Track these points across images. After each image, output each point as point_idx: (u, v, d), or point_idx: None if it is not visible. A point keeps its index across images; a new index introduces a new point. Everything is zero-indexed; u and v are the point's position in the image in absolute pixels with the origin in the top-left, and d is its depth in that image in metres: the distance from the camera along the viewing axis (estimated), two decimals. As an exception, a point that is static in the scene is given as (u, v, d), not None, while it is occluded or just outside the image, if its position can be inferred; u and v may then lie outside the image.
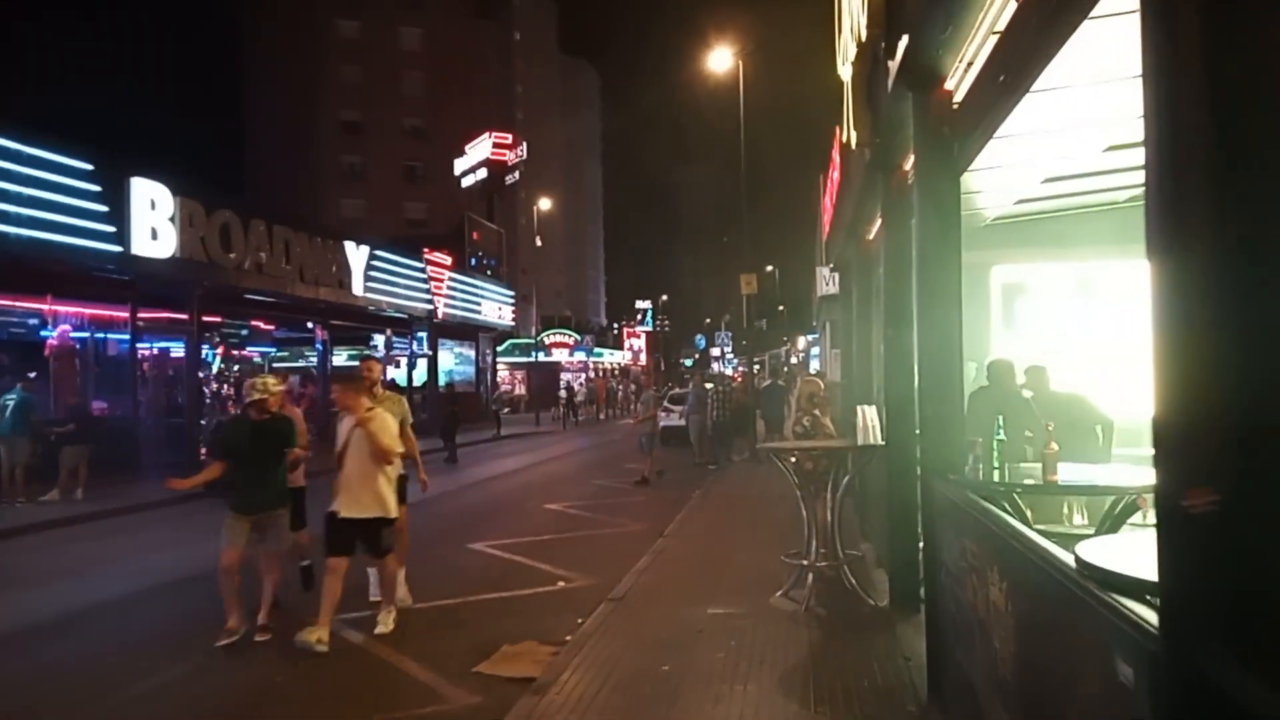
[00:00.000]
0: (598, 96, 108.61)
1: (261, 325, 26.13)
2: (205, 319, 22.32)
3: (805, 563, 6.90)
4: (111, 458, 15.59)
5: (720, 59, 21.19)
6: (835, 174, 9.56)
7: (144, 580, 8.91)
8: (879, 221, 8.67)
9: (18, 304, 16.63)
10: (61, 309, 16.88)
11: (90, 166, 15.89)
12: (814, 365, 36.16)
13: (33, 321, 17.09)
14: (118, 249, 16.46)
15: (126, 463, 16.58)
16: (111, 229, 16.29)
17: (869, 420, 6.74)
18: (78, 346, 17.61)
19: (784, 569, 7.27)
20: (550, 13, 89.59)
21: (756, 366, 33.15)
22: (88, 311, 17.63)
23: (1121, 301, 7.33)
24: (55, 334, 16.89)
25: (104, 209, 16.11)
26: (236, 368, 19.52)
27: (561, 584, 8.27)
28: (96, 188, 15.98)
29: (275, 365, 29.26)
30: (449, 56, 62.37)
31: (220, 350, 16.85)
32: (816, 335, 35.14)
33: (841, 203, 9.48)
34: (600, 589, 7.77)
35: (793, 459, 7.01)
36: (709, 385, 20.81)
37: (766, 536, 9.38)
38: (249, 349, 27.35)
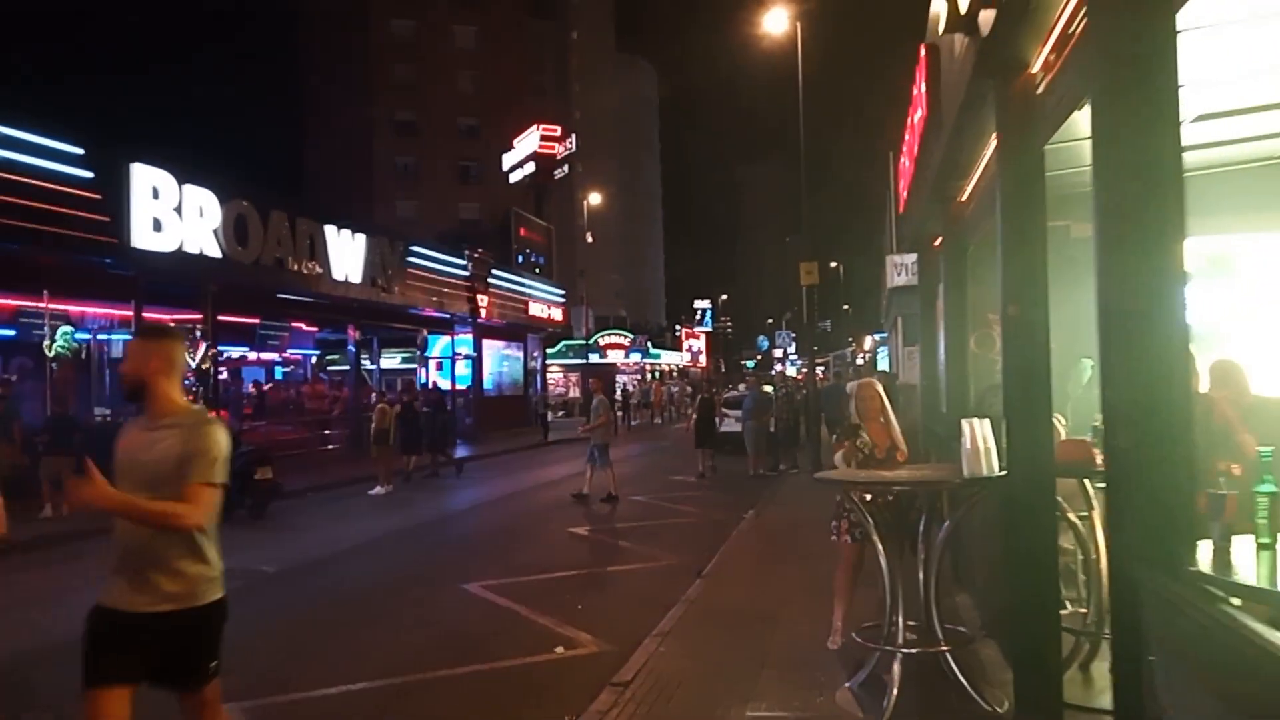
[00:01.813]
0: (656, 95, 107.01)
1: (303, 326, 24.87)
2: (240, 320, 21.19)
3: (887, 645, 4.81)
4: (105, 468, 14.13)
5: (777, 20, 19.09)
6: (918, 115, 7.44)
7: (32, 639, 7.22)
8: (978, 171, 6.55)
9: (9, 301, 15.34)
10: (59, 307, 15.56)
11: (81, 150, 14.51)
12: (882, 365, 33.69)
13: (38, 322, 15.76)
14: (113, 240, 15.07)
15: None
16: (106, 219, 14.91)
17: (981, 439, 4.64)
18: (79, 349, 16.23)
19: (853, 642, 5.21)
20: (608, 11, 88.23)
21: (821, 368, 30.84)
22: (90, 310, 16.31)
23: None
24: (55, 334, 15.56)
25: (97, 197, 14.72)
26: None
27: (560, 650, 6.31)
28: (88, 174, 14.60)
29: (327, 369, 28.05)
30: (504, 55, 61.30)
31: (199, 348, 15.32)
32: (886, 334, 32.66)
33: (926, 151, 7.36)
34: (607, 661, 5.82)
35: (865, 496, 4.94)
36: (768, 388, 18.75)
37: (828, 583, 7.30)
38: (291, 351, 26.18)
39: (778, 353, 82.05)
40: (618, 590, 8.30)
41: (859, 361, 48.78)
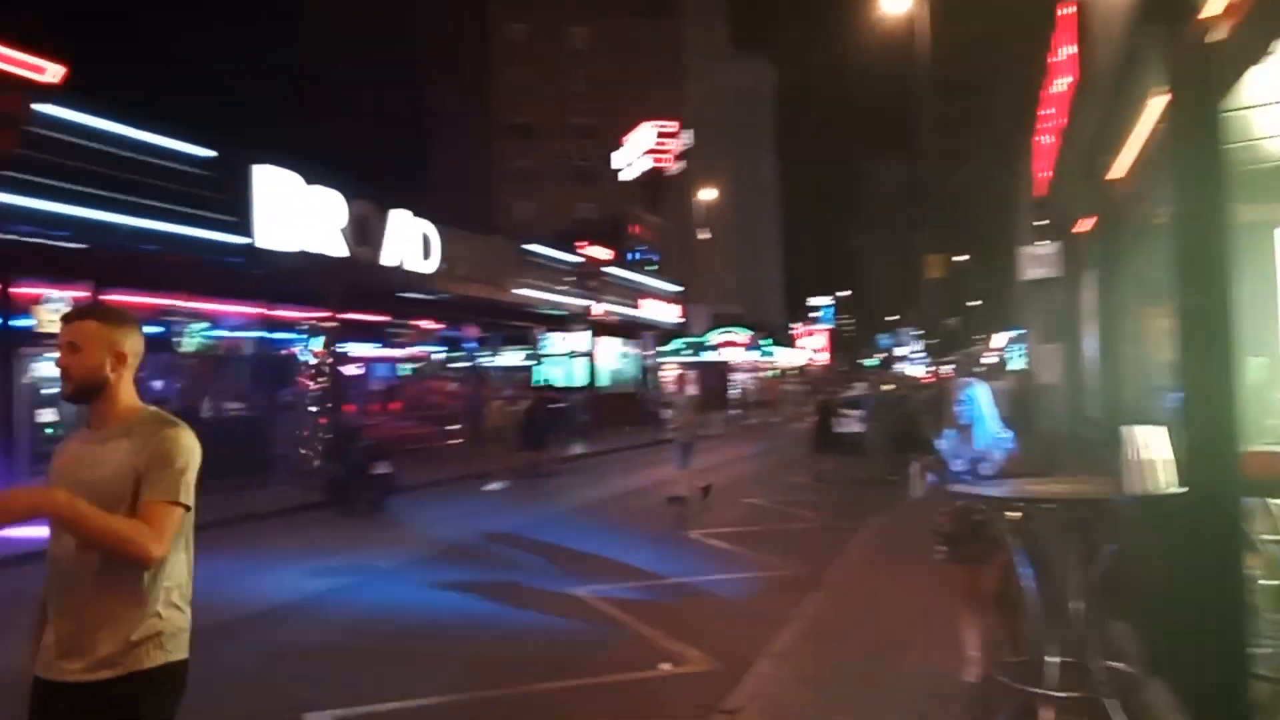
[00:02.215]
0: (772, 90, 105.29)
1: (426, 325, 25.36)
2: (367, 318, 21.72)
3: (1036, 688, 4.18)
4: (233, 461, 14.56)
5: (896, 2, 18.19)
6: (1065, 82, 6.66)
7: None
8: (1138, 142, 5.76)
9: (151, 301, 16.02)
10: (193, 305, 16.21)
11: (211, 153, 15.07)
12: (1017, 363, 31.95)
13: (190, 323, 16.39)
14: (241, 240, 15.59)
15: (252, 467, 15.56)
16: (233, 219, 15.42)
17: (1145, 449, 3.96)
18: (213, 346, 16.87)
19: (993, 676, 4.59)
20: (722, 7, 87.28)
21: (948, 366, 29.41)
22: (222, 309, 16.90)
23: None
24: (193, 333, 16.24)
25: (223, 197, 15.24)
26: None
27: (666, 666, 5.91)
28: (215, 174, 15.14)
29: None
30: (618, 55, 61.44)
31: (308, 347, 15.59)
32: (1022, 330, 30.87)
33: (1075, 124, 6.59)
34: (715, 682, 5.37)
35: (1014, 513, 4.32)
36: (889, 387, 17.87)
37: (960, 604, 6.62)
38: (418, 348, 26.74)
39: (900, 351, 79.57)
40: (730, 601, 7.83)
41: (988, 360, 46.55)
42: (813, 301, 71.64)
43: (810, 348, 62.93)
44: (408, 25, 64.06)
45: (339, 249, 17.94)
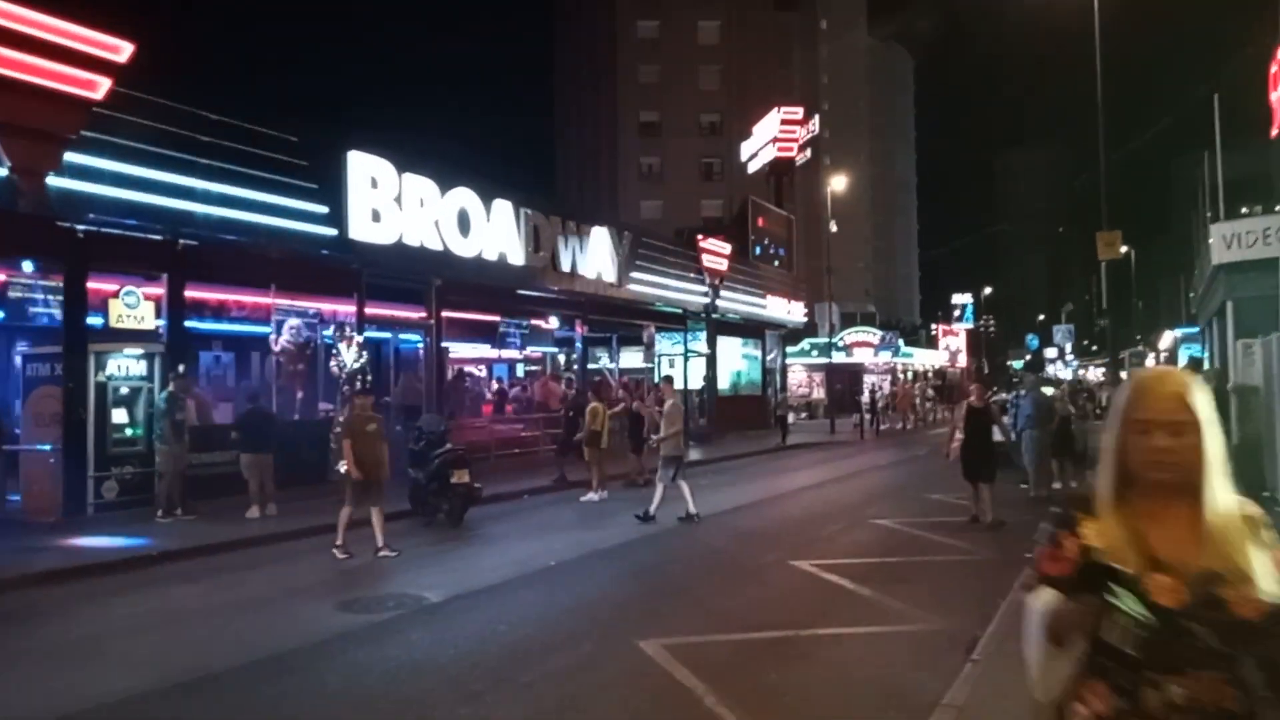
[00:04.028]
0: (911, 80, 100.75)
1: (543, 324, 24.32)
2: (475, 317, 20.82)
3: None
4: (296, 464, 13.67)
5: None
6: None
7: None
8: None
9: (237, 297, 15.42)
10: (285, 302, 15.50)
11: (296, 139, 14.26)
12: (1183, 363, 28.16)
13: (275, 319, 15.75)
14: (332, 232, 14.74)
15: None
16: (324, 209, 14.58)
17: None
18: (306, 344, 16.11)
19: None
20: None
21: (1103, 369, 26.12)
22: (315, 306, 16.15)
23: None
24: (280, 330, 15.52)
25: (313, 186, 14.42)
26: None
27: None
28: (304, 163, 14.32)
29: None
30: (748, 49, 59.87)
31: (346, 341, 14.44)
32: (1197, 328, 27.23)
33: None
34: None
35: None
36: (1050, 389, 15.42)
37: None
38: (531, 349, 25.75)
39: (1050, 352, 74.16)
40: (846, 668, 5.98)
41: (1150, 360, 42.03)
42: (955, 299, 67.32)
43: (950, 348, 58.96)
44: (540, 23, 64.43)
45: (437, 242, 16.95)
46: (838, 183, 40.77)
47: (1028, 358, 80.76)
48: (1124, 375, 17.08)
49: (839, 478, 18.24)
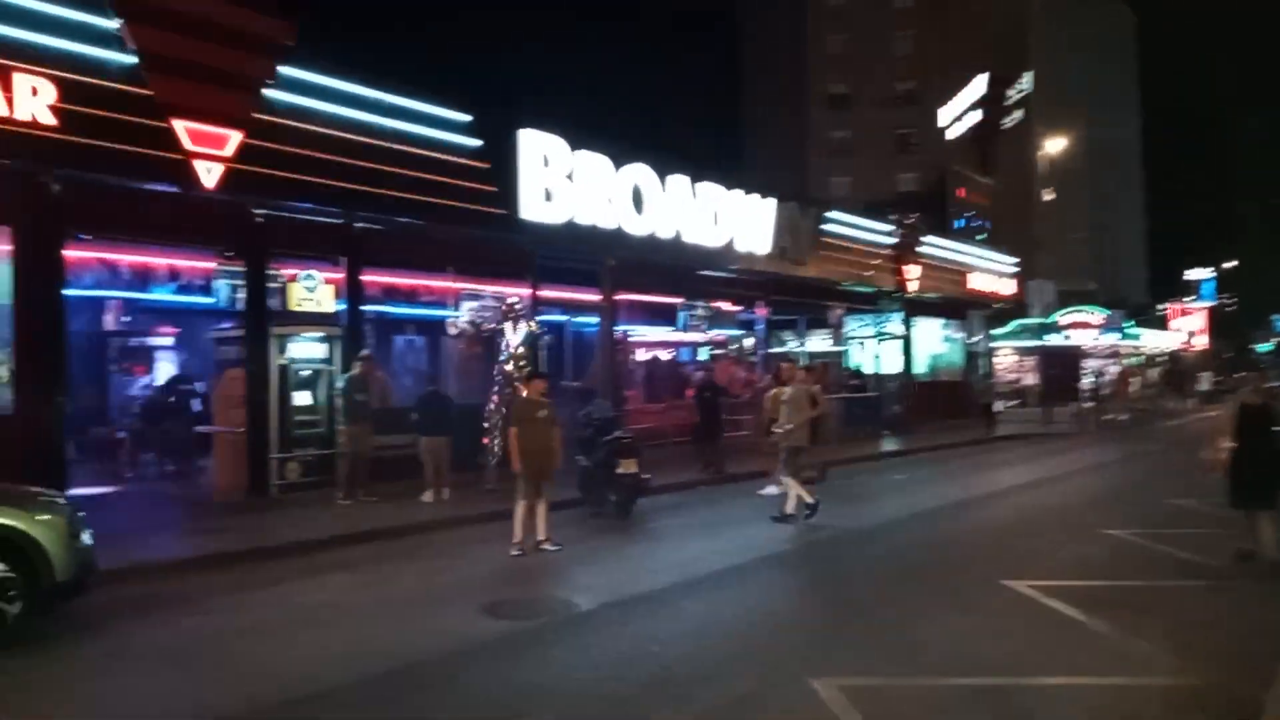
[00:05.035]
0: (1134, 39, 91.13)
1: (725, 307, 23.44)
2: (653, 299, 20.22)
3: None
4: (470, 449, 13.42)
5: None
6: None
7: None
8: None
9: (418, 281, 15.45)
10: (462, 285, 15.41)
11: (469, 118, 13.99)
12: None
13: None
14: (501, 212, 14.42)
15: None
16: (494, 189, 14.27)
17: None
18: (481, 327, 15.95)
19: None
20: (1076, -55, 76.71)
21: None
22: (491, 289, 15.95)
23: None
24: (460, 311, 15.44)
25: (485, 166, 14.13)
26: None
27: None
28: (477, 142, 14.04)
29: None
30: (948, 8, 55.90)
31: (513, 323, 13.84)
32: None
33: None
34: None
35: None
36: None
37: None
38: (715, 332, 24.93)
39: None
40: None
41: None
42: (1189, 275, 60.30)
43: (1185, 329, 52.75)
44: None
45: (610, 220, 16.35)
46: (1053, 143, 37.08)
47: (1277, 341, 71.40)
48: None
49: (1056, 476, 16.14)
